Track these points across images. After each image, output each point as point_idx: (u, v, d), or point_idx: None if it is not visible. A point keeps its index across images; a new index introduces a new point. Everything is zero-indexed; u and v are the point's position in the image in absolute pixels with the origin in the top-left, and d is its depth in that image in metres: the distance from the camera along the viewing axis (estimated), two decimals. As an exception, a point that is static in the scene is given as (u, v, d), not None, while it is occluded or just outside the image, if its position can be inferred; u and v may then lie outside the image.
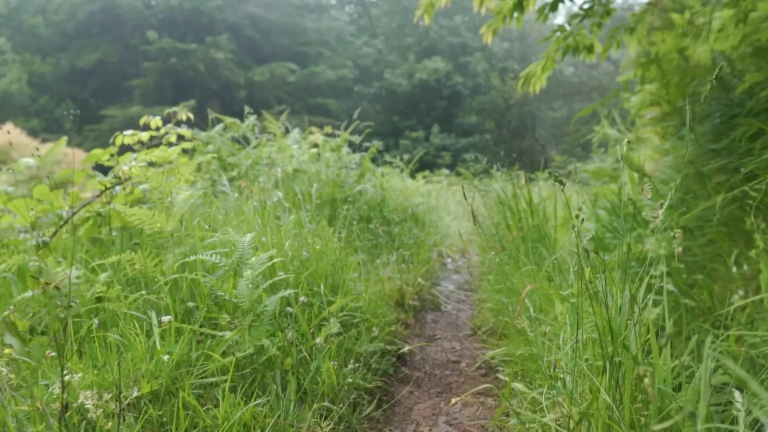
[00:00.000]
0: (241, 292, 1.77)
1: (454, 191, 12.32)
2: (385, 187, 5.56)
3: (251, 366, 1.71)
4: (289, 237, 2.84)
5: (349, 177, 5.18)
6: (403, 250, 4.45)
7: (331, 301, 2.50)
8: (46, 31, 28.89)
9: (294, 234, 2.87)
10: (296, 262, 2.63)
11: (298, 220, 3.09)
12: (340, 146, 5.27)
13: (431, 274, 5.05)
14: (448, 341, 3.30)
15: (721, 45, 4.75)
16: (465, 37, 35.07)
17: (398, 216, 5.53)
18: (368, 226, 4.34)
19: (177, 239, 2.33)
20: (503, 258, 3.48)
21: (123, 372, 1.57)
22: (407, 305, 3.69)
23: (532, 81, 5.39)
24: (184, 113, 3.26)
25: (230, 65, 27.71)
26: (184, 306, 2.03)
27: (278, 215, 3.43)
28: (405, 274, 4.17)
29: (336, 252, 3.17)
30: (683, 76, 5.17)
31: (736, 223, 3.22)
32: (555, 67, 5.31)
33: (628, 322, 1.35)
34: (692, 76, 5.07)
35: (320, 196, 4.40)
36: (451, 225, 7.82)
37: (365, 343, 2.38)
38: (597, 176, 6.36)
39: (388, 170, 7.46)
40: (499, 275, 3.19)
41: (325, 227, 3.36)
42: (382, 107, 33.21)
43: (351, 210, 4.65)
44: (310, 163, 5.07)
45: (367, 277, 3.59)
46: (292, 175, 4.91)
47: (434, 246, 6.15)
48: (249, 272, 1.78)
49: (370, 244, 4.40)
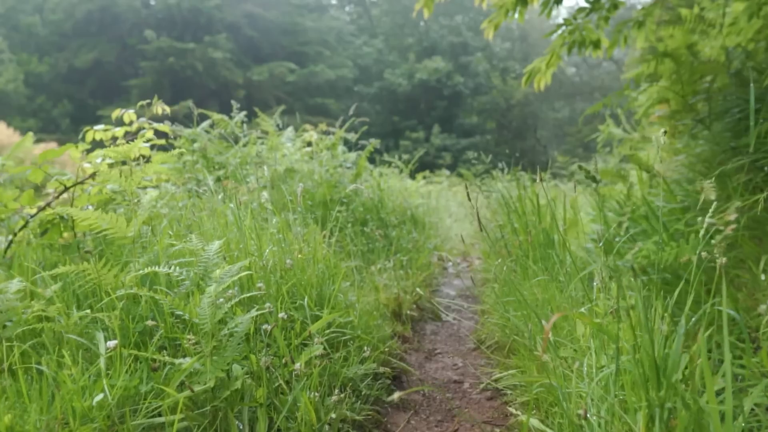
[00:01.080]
0: (203, 311, 1.47)
1: (455, 192, 12.02)
2: (382, 188, 5.27)
3: (211, 403, 1.41)
4: (273, 243, 2.55)
5: (344, 177, 4.89)
6: (401, 255, 4.16)
7: (317, 316, 2.20)
8: (43, 31, 28.63)
9: (278, 239, 2.58)
10: (278, 272, 2.34)
11: (283, 223, 2.80)
12: (334, 144, 4.98)
13: (431, 280, 4.76)
14: (449, 356, 3.01)
15: (734, 40, 4.51)
16: (466, 36, 34.78)
17: (396, 218, 5.24)
18: (364, 229, 4.04)
19: (141, 246, 2.04)
20: (509, 265, 3.19)
21: (52, 412, 1.28)
22: (405, 316, 3.39)
23: (536, 78, 5.14)
24: (159, 106, 2.97)
25: (229, 65, 27.43)
26: (142, 325, 1.74)
27: (266, 218, 3.14)
28: (403, 281, 3.88)
29: (325, 259, 2.88)
30: (693, 72, 4.91)
31: (761, 226, 2.95)
32: (560, 62, 5.08)
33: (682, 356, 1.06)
34: (703, 72, 4.82)
35: (312, 197, 4.11)
36: (452, 227, 7.52)
37: (355, 365, 2.09)
38: (603, 176, 6.07)
39: (387, 170, 7.17)
40: (506, 285, 2.90)
41: (315, 231, 3.07)
42: (382, 107, 32.92)
43: (346, 212, 4.36)
44: (303, 162, 4.78)
45: (361, 285, 3.30)
46: (284, 175, 4.62)
47: (434, 250, 5.86)
48: (213, 287, 1.49)
49: (365, 249, 4.11)
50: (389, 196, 5.80)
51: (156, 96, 2.93)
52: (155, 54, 26.63)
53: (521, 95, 32.85)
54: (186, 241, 1.76)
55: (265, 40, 31.10)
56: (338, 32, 35.02)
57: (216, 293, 1.48)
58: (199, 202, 3.41)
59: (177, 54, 26.20)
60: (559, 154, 24.02)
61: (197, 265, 1.64)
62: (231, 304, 1.64)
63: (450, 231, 7.40)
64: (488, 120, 32.59)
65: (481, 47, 35.11)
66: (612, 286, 1.80)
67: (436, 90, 32.26)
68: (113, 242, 2.06)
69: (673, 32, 5.20)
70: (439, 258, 6.02)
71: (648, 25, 5.02)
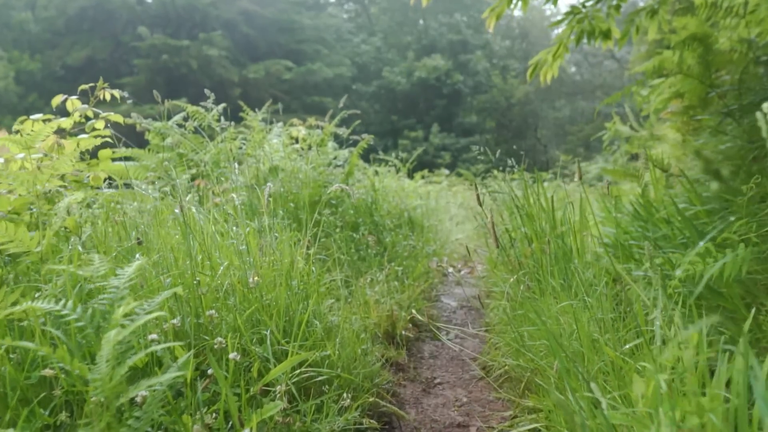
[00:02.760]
0: (99, 371, 1.01)
1: (455, 192, 11.54)
2: (377, 188, 4.80)
3: None
4: (236, 256, 2.08)
5: (334, 176, 4.42)
6: (396, 264, 3.69)
7: (284, 351, 1.74)
8: (35, 28, 28.11)
9: (241, 251, 2.11)
10: (238, 294, 1.87)
11: (252, 231, 2.33)
12: (323, 140, 4.51)
13: (430, 290, 4.30)
14: (451, 388, 2.54)
15: (753, 30, 4.12)
16: (465, 34, 34.29)
17: (392, 221, 4.77)
18: (353, 235, 3.58)
19: (50, 264, 1.57)
20: (521, 278, 2.73)
21: None
22: (400, 336, 2.92)
23: (542, 70, 4.80)
24: (107, 92, 2.51)
25: (224, 62, 26.90)
26: (35, 377, 1.27)
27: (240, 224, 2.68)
28: (398, 294, 3.42)
29: (303, 273, 2.42)
30: (709, 65, 4.50)
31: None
32: (567, 54, 4.76)
33: None
34: (720, 64, 4.41)
35: (297, 199, 3.64)
36: (452, 230, 7.06)
37: (332, 417, 1.62)
38: (617, 175, 5.61)
39: (383, 169, 6.70)
40: (520, 305, 2.44)
41: (292, 239, 2.61)
42: (381, 106, 32.42)
43: (334, 215, 3.90)
44: (289, 160, 4.31)
45: (349, 301, 2.84)
46: (268, 174, 4.14)
47: (434, 255, 5.39)
48: (113, 334, 1.02)
49: (355, 257, 3.64)
50: (385, 197, 5.33)
51: (101, 79, 2.46)
52: (149, 51, 26.09)
53: (521, 94, 32.38)
54: (84, 263, 1.29)
55: (262, 37, 30.58)
56: (336, 30, 34.51)
57: (115, 344, 1.01)
58: (161, 206, 2.94)
59: (171, 51, 25.66)
60: (561, 153, 23.55)
61: (104, 295, 1.18)
62: (151, 351, 1.17)
63: (450, 234, 6.93)
64: (488, 119, 32.12)
65: (481, 45, 34.63)
66: (675, 320, 1.34)
67: (436, 88, 31.77)
68: (19, 261, 1.59)
69: (687, 22, 4.80)
70: (439, 264, 5.55)
71: (662, 13, 4.67)
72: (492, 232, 1.16)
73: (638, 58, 13.78)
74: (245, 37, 30.05)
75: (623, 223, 4.33)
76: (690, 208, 3.02)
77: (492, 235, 1.20)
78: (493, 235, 1.15)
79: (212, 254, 2.02)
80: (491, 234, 1.23)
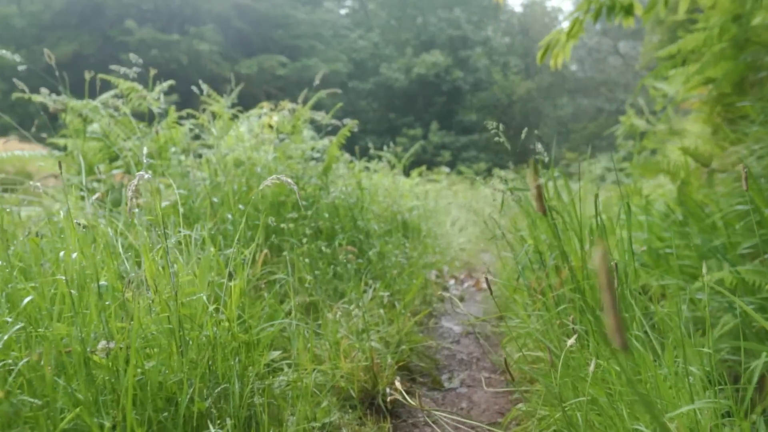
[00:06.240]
0: None
1: (456, 192, 10.65)
2: (363, 186, 3.93)
3: None
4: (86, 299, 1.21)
5: (308, 170, 3.55)
6: (384, 285, 2.81)
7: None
8: (20, 22, 27.17)
9: (101, 288, 1.23)
10: (78, 372, 1.00)
11: (145, 250, 1.46)
12: (296, 126, 3.63)
13: (427, 311, 3.43)
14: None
15: None
16: (465, 29, 33.41)
17: (381, 226, 3.90)
18: (323, 248, 2.69)
19: None
20: (562, 316, 1.86)
21: None
22: (383, 396, 2.05)
23: (554, 51, 4.07)
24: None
25: (216, 58, 25.97)
26: None
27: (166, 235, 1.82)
28: (384, 326, 2.54)
29: (240, 308, 1.57)
30: (743, 47, 3.81)
31: None
32: (582, 34, 4.06)
33: None
34: (756, 46, 3.74)
35: (246, 199, 2.76)
36: (454, 236, 6.17)
37: None
38: (647, 172, 4.77)
39: (376, 165, 5.83)
40: (571, 370, 1.56)
41: (230, 257, 1.74)
42: (378, 103, 31.53)
43: (305, 219, 3.02)
44: (252, 150, 3.43)
45: (305, 347, 1.96)
46: (230, 168, 3.27)
47: (432, 266, 4.52)
48: None
49: (330, 275, 2.76)
50: (374, 197, 4.46)
51: None
52: (138, 46, 25.13)
53: (523, 91, 31.52)
54: None
55: (255, 32, 29.64)
56: (333, 25, 33.61)
57: None
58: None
59: (160, 46, 24.71)
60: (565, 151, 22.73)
61: None
62: None
63: (451, 239, 6.06)
64: (488, 116, 31.27)
65: (481, 41, 33.78)
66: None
67: (435, 85, 30.88)
68: None
69: (715, 1, 4.07)
70: (438, 275, 4.69)
71: (696, -15, 3.98)
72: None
73: (650, 49, 12.88)
74: (238, 32, 29.14)
75: (655, 228, 3.48)
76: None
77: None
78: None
79: (44, 293, 1.15)
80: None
